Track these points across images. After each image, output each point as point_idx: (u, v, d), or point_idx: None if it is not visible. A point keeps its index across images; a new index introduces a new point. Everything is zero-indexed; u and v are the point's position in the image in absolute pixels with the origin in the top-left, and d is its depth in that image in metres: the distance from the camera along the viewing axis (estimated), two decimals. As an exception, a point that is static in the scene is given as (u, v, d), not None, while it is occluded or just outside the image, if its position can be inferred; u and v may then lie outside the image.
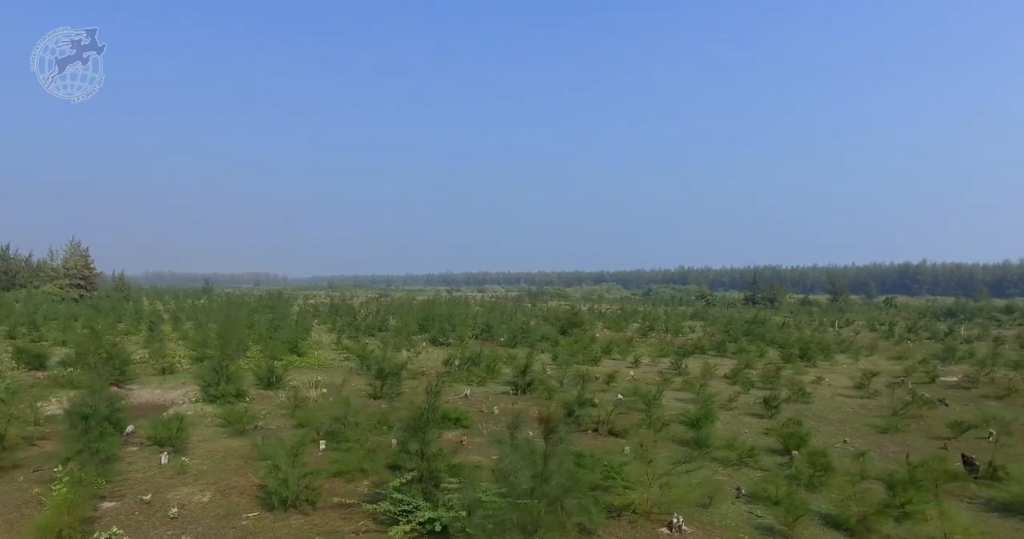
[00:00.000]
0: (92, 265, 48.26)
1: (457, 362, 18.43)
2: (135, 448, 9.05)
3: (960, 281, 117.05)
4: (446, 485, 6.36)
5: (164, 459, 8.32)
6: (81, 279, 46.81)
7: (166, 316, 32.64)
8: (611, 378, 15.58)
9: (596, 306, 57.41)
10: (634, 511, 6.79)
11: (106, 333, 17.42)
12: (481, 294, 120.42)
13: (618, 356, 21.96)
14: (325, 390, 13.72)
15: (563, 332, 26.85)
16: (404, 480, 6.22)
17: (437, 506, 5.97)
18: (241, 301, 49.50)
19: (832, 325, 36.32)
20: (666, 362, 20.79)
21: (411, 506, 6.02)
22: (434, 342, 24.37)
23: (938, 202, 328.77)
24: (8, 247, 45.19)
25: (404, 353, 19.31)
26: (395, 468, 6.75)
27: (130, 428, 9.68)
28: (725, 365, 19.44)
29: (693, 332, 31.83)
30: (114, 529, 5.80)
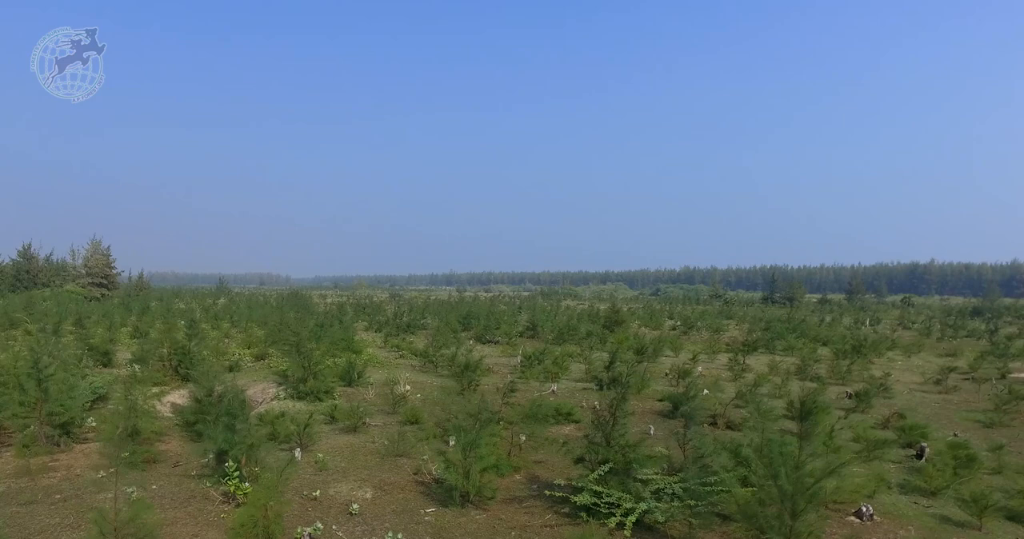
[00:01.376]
0: (113, 264, 48.05)
1: (520, 359, 18.31)
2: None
3: (969, 280, 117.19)
4: (640, 476, 6.21)
5: (298, 455, 8.17)
6: (103, 278, 46.61)
7: (199, 315, 32.45)
8: (686, 373, 15.44)
9: (619, 306, 57.27)
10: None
11: (167, 332, 17.20)
12: (489, 294, 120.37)
13: (670, 353, 21.82)
14: (409, 386, 13.56)
15: (606, 330, 26.70)
16: (602, 472, 6.08)
17: (641, 497, 5.84)
18: (264, 301, 49.29)
19: (865, 323, 36.24)
20: (722, 359, 20.65)
21: (614, 498, 5.89)
22: (480, 340, 24.21)
23: (942, 202, 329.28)
24: (30, 246, 44.90)
25: (473, 350, 19.12)
26: (579, 461, 6.63)
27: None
28: (784, 362, 19.29)
29: (728, 330, 31.72)
30: (317, 524, 5.65)
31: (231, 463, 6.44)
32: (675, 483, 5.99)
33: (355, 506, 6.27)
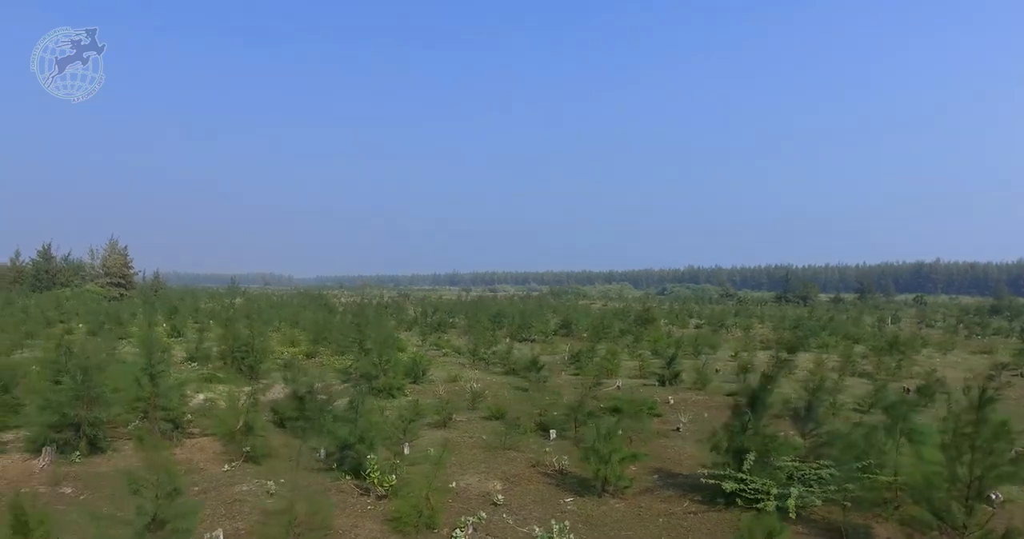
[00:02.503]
0: (130, 264, 48.09)
1: (567, 356, 18.42)
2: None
3: (975, 279, 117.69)
4: (780, 463, 6.31)
5: (407, 449, 8.23)
6: (121, 278, 46.65)
7: (232, 314, 32.46)
8: (744, 369, 15.52)
9: (650, 305, 57.38)
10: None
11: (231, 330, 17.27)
12: (494, 293, 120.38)
13: (709, 351, 21.92)
14: (476, 383, 13.64)
15: (638, 328, 26.80)
16: (751, 460, 6.17)
17: (791, 483, 5.96)
18: (279, 301, 49.34)
19: (887, 321, 36.39)
20: (761, 356, 20.72)
21: (759, 484, 5.99)
22: (515, 338, 24.30)
23: (945, 202, 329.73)
24: (49, 246, 44.95)
25: (514, 349, 19.21)
26: (715, 449, 6.72)
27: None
28: (828, 359, 19.37)
29: (756, 328, 31.82)
30: (481, 513, 5.73)
31: (372, 456, 6.52)
32: (820, 469, 6.10)
33: (499, 497, 6.35)
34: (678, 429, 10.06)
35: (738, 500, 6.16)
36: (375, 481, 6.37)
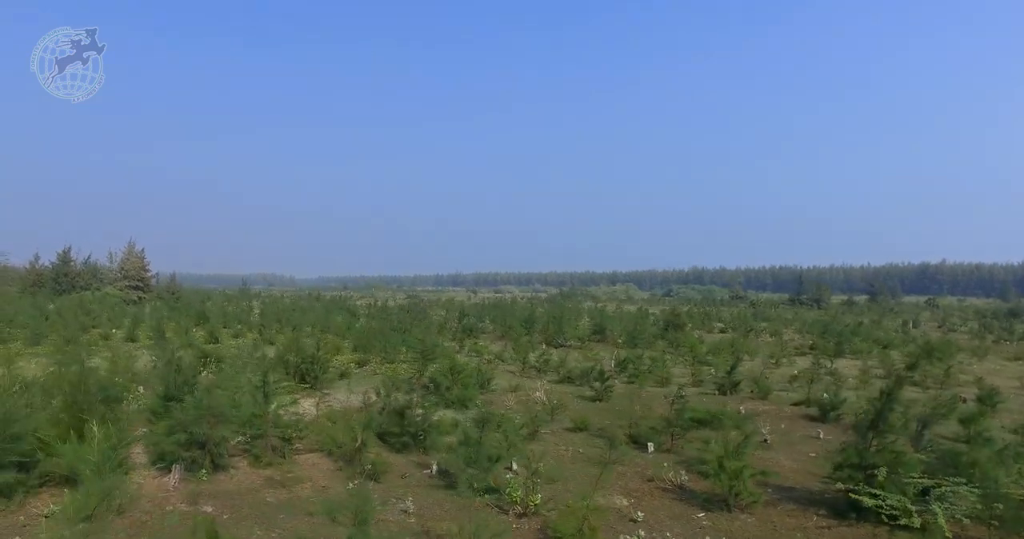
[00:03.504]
0: (148, 267, 48.11)
1: (613, 363, 18.47)
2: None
3: (980, 281, 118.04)
4: (908, 479, 6.40)
5: (515, 465, 8.31)
6: (139, 281, 46.67)
7: (256, 319, 32.45)
8: (794, 378, 15.62)
9: (647, 307, 57.45)
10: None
11: (294, 340, 17.30)
12: (499, 295, 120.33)
13: (746, 357, 22.00)
14: (539, 392, 13.70)
15: (665, 333, 26.87)
16: (883, 476, 6.26)
17: (924, 500, 6.06)
18: (292, 304, 49.22)
19: (910, 325, 36.50)
20: (801, 362, 20.81)
21: (894, 500, 6.08)
22: (550, 343, 24.37)
23: (949, 202, 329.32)
24: (69, 250, 44.93)
25: (553, 355, 19.22)
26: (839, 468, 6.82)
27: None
28: (870, 366, 19.46)
29: (780, 334, 31.89)
30: (641, 533, 5.82)
31: (513, 475, 6.60)
32: (962, 485, 6.17)
33: (639, 514, 6.44)
34: (766, 441, 10.15)
35: (872, 516, 6.26)
36: (516, 499, 6.45)
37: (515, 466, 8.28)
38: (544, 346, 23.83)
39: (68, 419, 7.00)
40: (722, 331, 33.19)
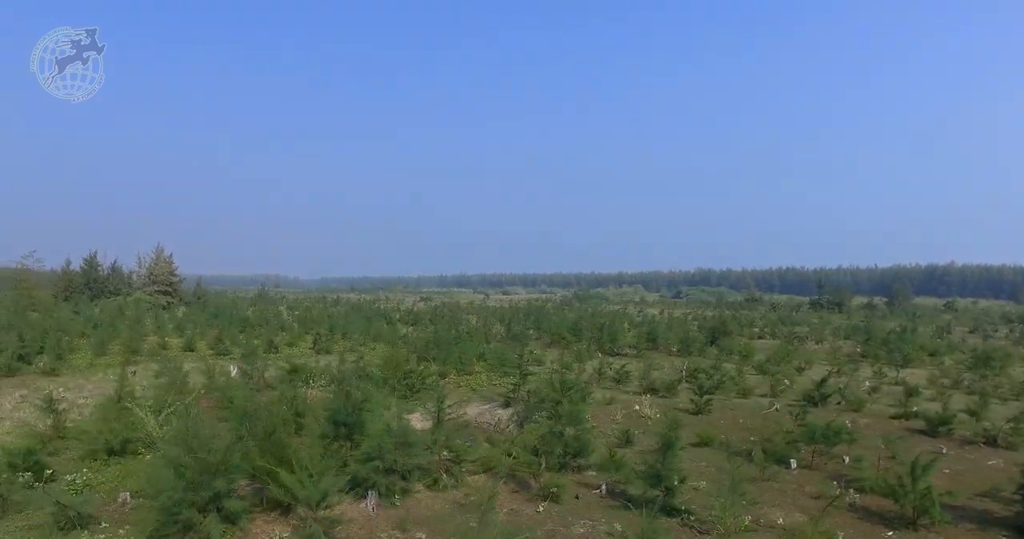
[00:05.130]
0: (176, 272, 48.19)
1: (684, 373, 18.61)
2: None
3: (990, 282, 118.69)
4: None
5: (675, 481, 8.47)
6: (167, 285, 46.75)
7: (292, 324, 32.51)
8: (909, 393, 15.64)
9: (668, 311, 57.59)
10: None
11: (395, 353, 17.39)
12: (507, 296, 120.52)
13: (804, 366, 22.17)
14: (638, 406, 13.84)
15: (713, 340, 27.02)
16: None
17: None
18: (329, 310, 49.24)
19: (944, 331, 36.72)
20: (863, 371, 20.95)
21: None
22: (605, 352, 24.49)
23: (954, 203, 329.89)
24: (96, 254, 44.98)
25: (613, 364, 19.31)
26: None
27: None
28: (939, 375, 19.63)
29: (826, 341, 32.07)
30: None
31: (720, 499, 6.75)
32: None
33: (840, 534, 6.61)
34: (893, 457, 10.30)
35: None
36: (721, 522, 6.61)
37: (676, 483, 8.45)
38: (600, 354, 23.97)
39: (271, 445, 7.12)
40: (760, 337, 33.36)
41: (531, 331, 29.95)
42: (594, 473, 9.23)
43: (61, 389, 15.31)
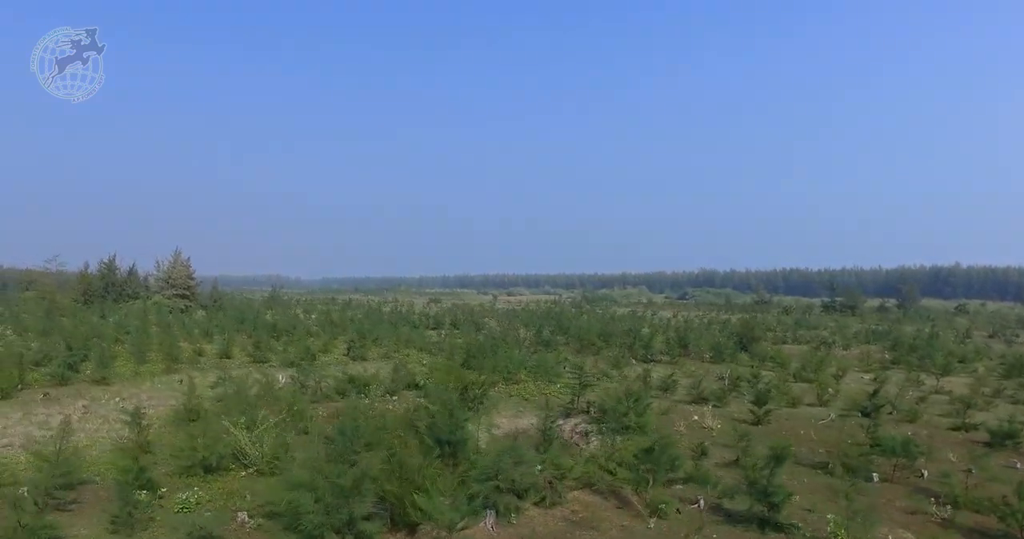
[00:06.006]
0: (193, 275, 48.26)
1: (727, 381, 18.72)
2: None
3: (995, 284, 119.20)
4: None
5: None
6: (185, 289, 46.82)
7: (315, 328, 32.55)
8: (967, 404, 15.75)
9: (681, 314, 57.69)
10: None
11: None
12: (512, 297, 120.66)
13: (840, 373, 22.30)
14: (702, 417, 13.98)
15: (743, 347, 27.13)
16: None
17: None
18: (348, 314, 49.29)
19: (964, 335, 36.93)
20: (899, 378, 21.05)
21: None
22: (637, 358, 24.61)
23: (953, 204, 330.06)
24: (114, 258, 45.07)
25: (660, 370, 19.39)
26: None
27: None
28: (956, 382, 19.73)
29: (853, 347, 32.22)
30: None
31: (834, 517, 6.89)
32: None
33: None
34: (970, 471, 10.44)
35: None
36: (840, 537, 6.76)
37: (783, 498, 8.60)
38: (633, 361, 24.08)
39: (393, 465, 7.25)
40: (782, 341, 33.48)
41: (558, 336, 30.02)
42: (681, 486, 9.38)
43: (118, 399, 15.44)
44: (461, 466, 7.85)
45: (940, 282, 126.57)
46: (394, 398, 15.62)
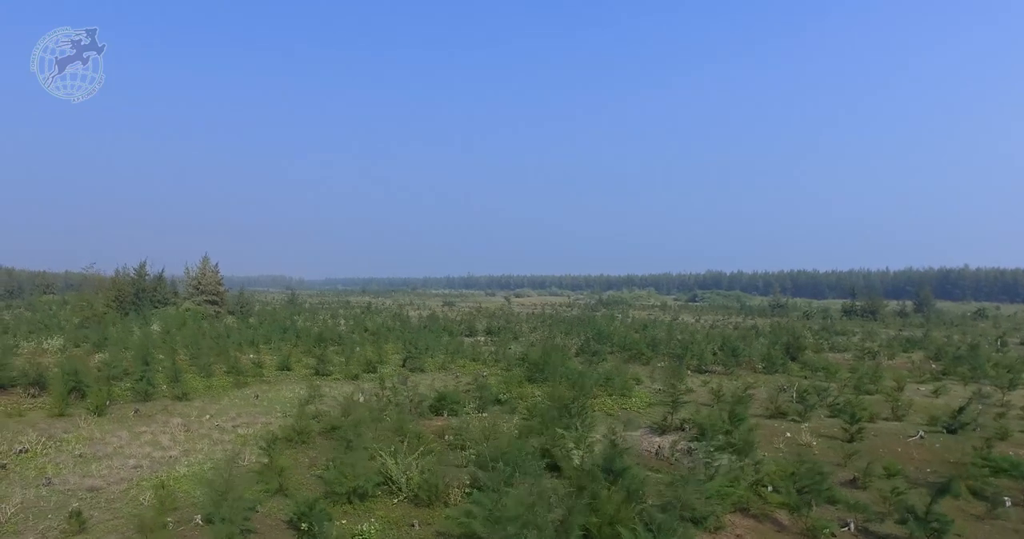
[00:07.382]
0: (222, 281, 48.40)
1: (794, 394, 18.90)
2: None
3: (1004, 286, 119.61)
4: None
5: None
6: (214, 295, 46.95)
7: (356, 336, 32.72)
8: (1000, 415, 16.08)
9: (703, 318, 57.83)
10: None
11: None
12: (519, 298, 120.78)
13: (893, 383, 22.53)
14: (809, 434, 14.15)
15: (792, 355, 27.33)
16: None
17: None
18: (379, 320, 49.40)
19: (998, 341, 37.19)
20: (956, 390, 21.26)
21: None
22: (693, 369, 24.80)
23: (963, 205, 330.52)
24: (145, 264, 45.13)
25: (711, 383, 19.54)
26: None
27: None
28: (1015, 395, 19.93)
29: (898, 355, 32.42)
30: None
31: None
32: None
33: None
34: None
35: None
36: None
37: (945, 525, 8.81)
38: (688, 372, 24.26)
39: (586, 497, 7.45)
40: (821, 349, 33.67)
41: (604, 345, 30.19)
42: (816, 508, 9.58)
43: (207, 416, 15.56)
44: (622, 494, 8.07)
45: (949, 284, 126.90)
46: (484, 415, 15.76)
